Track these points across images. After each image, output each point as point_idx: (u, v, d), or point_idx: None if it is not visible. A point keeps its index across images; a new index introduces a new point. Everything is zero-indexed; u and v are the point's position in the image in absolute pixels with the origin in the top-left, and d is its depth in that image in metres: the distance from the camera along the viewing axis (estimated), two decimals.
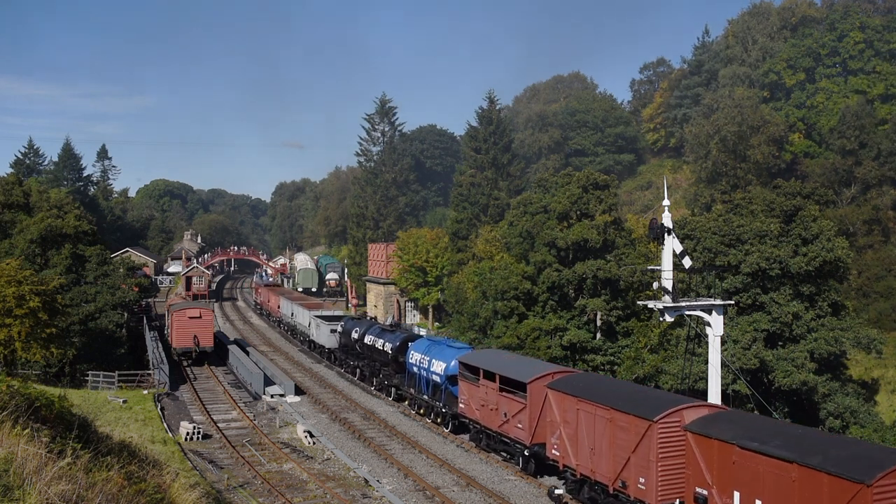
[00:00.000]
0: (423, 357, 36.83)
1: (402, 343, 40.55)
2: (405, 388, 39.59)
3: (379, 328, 44.91)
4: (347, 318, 53.21)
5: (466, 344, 39.07)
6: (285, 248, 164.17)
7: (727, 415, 21.87)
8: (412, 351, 38.32)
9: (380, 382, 43.78)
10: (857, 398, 38.04)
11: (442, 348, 36.30)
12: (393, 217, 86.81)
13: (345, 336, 49.21)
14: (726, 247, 39.90)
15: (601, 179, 48.79)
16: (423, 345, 38.15)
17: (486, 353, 34.81)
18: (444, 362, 34.86)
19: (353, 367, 48.31)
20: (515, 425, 28.66)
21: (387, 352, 41.63)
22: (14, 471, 10.40)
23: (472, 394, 31.77)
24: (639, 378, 40.61)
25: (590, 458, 24.18)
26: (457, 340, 40.78)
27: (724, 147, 73.54)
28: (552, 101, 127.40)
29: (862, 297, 57.74)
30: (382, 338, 42.83)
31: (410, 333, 43.72)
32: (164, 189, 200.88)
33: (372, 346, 43.78)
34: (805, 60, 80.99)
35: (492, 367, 30.57)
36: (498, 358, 32.57)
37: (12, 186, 61.94)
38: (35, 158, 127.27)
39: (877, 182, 65.90)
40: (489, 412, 30.45)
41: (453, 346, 36.37)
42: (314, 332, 56.76)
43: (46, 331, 39.87)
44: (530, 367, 29.78)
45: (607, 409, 23.34)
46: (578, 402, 24.72)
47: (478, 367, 31.40)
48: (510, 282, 47.62)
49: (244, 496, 25.62)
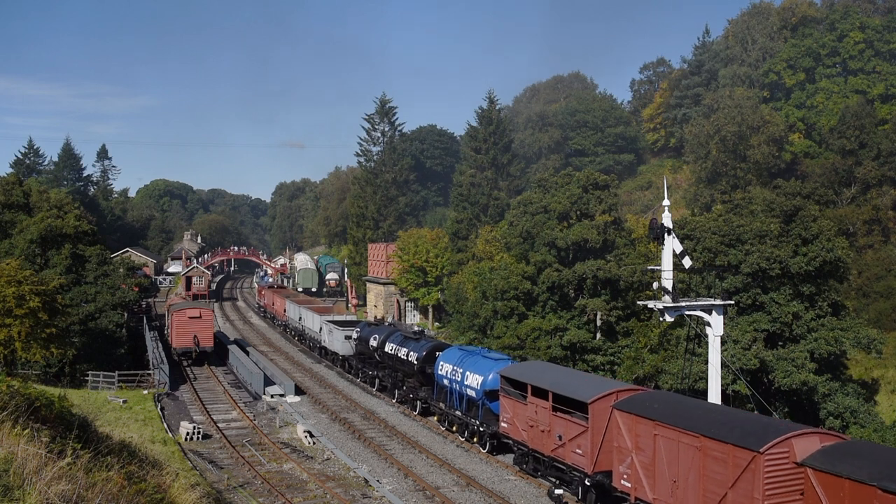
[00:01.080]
0: (455, 369, 33.57)
1: (428, 353, 37.24)
2: (433, 403, 36.36)
3: (401, 336, 41.42)
4: (363, 323, 49.69)
5: (504, 354, 35.20)
6: (285, 248, 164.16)
7: (850, 446, 18.82)
8: (441, 362, 35.04)
9: (403, 395, 40.60)
10: (857, 398, 38.04)
11: (477, 359, 32.99)
12: (393, 217, 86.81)
13: (361, 343, 46.07)
14: (726, 247, 39.91)
15: (601, 179, 48.84)
16: (454, 355, 34.74)
17: (532, 367, 31.45)
18: (481, 375, 31.64)
19: (371, 377, 45.25)
20: (573, 450, 25.44)
21: (411, 362, 38.28)
22: (14, 471, 10.40)
23: (518, 412, 28.61)
24: (639, 378, 40.62)
25: (671, 492, 21.30)
26: (492, 350, 37.04)
27: (724, 147, 73.56)
28: (552, 101, 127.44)
29: (862, 297, 57.72)
30: (406, 346, 39.47)
31: (437, 342, 40.00)
32: (164, 189, 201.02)
33: (394, 355, 40.44)
34: (805, 60, 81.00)
35: (543, 383, 27.43)
36: (548, 372, 29.36)
37: (12, 186, 61.94)
38: (35, 158, 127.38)
39: (877, 182, 65.89)
40: (539, 434, 27.28)
41: (489, 358, 33.00)
42: (326, 337, 53.71)
43: (46, 331, 39.86)
44: (590, 384, 26.67)
45: (696, 437, 20.39)
46: (657, 426, 21.75)
47: (525, 382, 28.23)
48: (510, 282, 47.63)
49: (244, 496, 25.62)
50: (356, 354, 47.62)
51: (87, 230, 57.73)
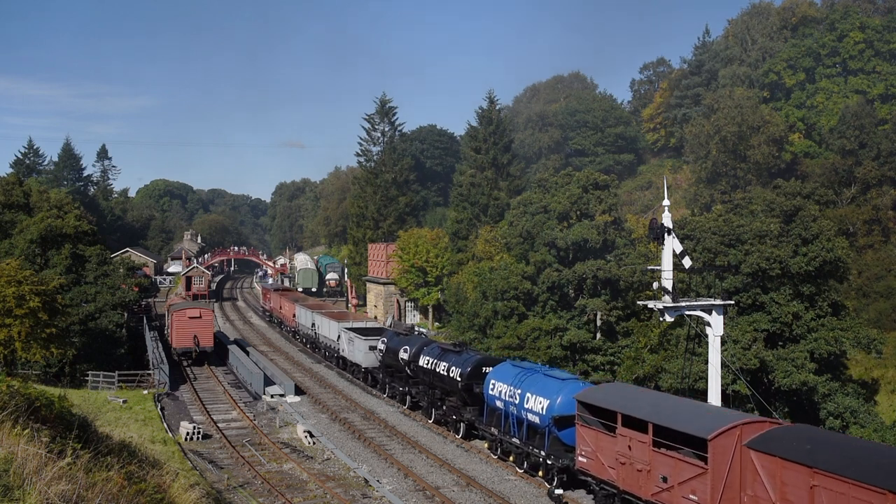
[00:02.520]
0: (512, 389, 29.38)
1: (474, 368, 33.12)
2: (482, 427, 32.05)
3: (438, 348, 37.15)
4: (390, 332, 44.57)
5: (568, 373, 30.54)
6: (285, 248, 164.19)
7: None
8: (493, 380, 30.94)
9: (442, 415, 36.07)
10: (857, 398, 38.04)
11: (539, 379, 28.83)
12: (393, 217, 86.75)
13: (389, 355, 41.63)
14: (726, 247, 39.92)
15: (601, 179, 48.85)
16: (509, 373, 30.61)
17: (617, 391, 26.82)
18: (547, 399, 27.41)
19: (402, 394, 40.75)
20: (684, 496, 21.07)
21: (453, 379, 33.84)
22: (14, 471, 10.40)
23: (603, 445, 24.31)
24: (639, 378, 40.62)
25: None
26: (553, 368, 32.54)
27: (724, 147, 73.57)
28: (552, 101, 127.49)
29: (862, 297, 57.74)
30: (446, 360, 35.12)
31: (482, 355, 35.20)
32: (164, 189, 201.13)
33: (430, 370, 36.18)
34: (805, 60, 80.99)
35: (640, 411, 23.01)
36: (642, 398, 24.70)
37: (12, 186, 61.98)
38: (35, 158, 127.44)
39: (877, 182, 65.90)
40: (634, 473, 22.98)
41: (554, 377, 28.70)
42: (345, 347, 49.14)
43: (46, 331, 39.87)
44: (703, 414, 22.27)
45: (881, 493, 16.18)
46: (814, 474, 17.62)
47: (613, 410, 23.83)
48: (510, 282, 47.63)
49: (244, 496, 25.62)
50: (382, 367, 43.33)
51: (87, 230, 57.74)
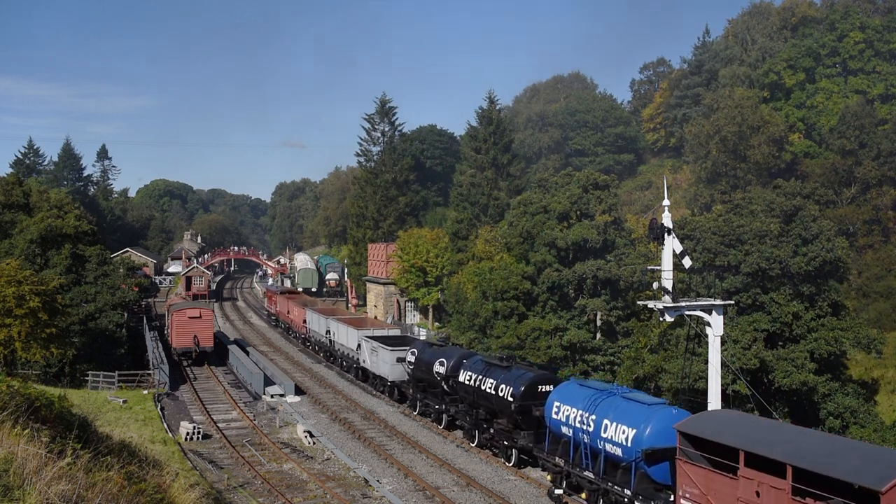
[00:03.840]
0: (584, 415, 24.92)
1: (529, 387, 28.91)
2: (543, 457, 27.53)
3: (482, 362, 32.89)
4: (422, 343, 41.09)
5: (654, 397, 26.19)
6: (285, 248, 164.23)
7: None
8: (558, 402, 26.58)
9: (489, 439, 31.82)
10: (857, 398, 38.05)
11: (618, 403, 24.22)
12: (393, 217, 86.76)
13: (421, 368, 37.84)
14: (726, 247, 39.93)
15: (601, 179, 48.88)
16: (577, 394, 26.07)
17: (731, 420, 21.30)
18: (633, 427, 22.85)
19: (437, 412, 36.66)
20: None
21: (504, 399, 29.65)
22: (14, 471, 10.41)
23: (716, 488, 19.95)
24: (639, 378, 40.62)
25: None
26: (633, 390, 27.42)
27: (724, 147, 73.59)
28: (552, 101, 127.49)
29: (862, 297, 57.78)
30: (492, 377, 30.98)
31: (538, 372, 30.44)
32: (164, 189, 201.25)
33: (473, 387, 32.03)
34: (805, 60, 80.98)
35: (771, 449, 18.51)
36: (769, 432, 19.99)
37: (12, 186, 61.97)
38: (35, 158, 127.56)
39: (877, 182, 65.92)
40: None
41: (637, 401, 24.05)
42: (367, 358, 45.08)
43: (46, 331, 39.88)
44: (863, 456, 17.51)
45: None
46: None
47: (733, 446, 19.30)
48: (510, 282, 47.63)
49: (244, 496, 25.62)
50: (413, 381, 39.22)
51: (87, 230, 57.75)
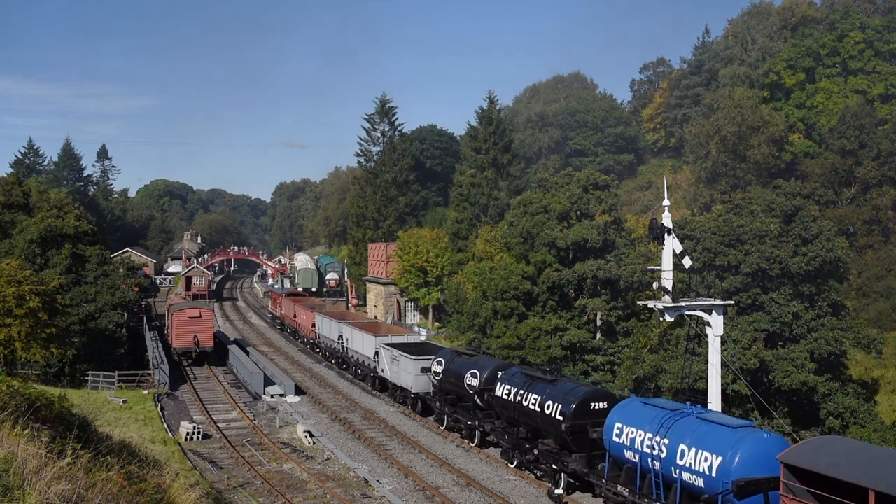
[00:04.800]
0: (653, 438, 22.02)
1: (581, 405, 25.53)
2: (602, 484, 24.41)
3: (521, 375, 29.61)
4: (449, 351, 37.47)
5: (739, 419, 23.17)
6: (285, 248, 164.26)
7: None
8: (620, 424, 23.51)
9: (533, 461, 28.38)
10: (857, 398, 38.08)
11: (695, 425, 21.34)
12: (393, 217, 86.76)
13: (449, 380, 34.71)
14: (726, 247, 39.94)
15: (601, 179, 48.87)
16: (643, 415, 23.04)
17: (847, 451, 18.10)
18: (718, 454, 20.04)
19: (470, 429, 33.35)
20: None
21: (553, 417, 26.38)
22: (14, 471, 10.40)
23: None
24: (639, 378, 40.62)
25: None
26: (711, 411, 24.57)
27: (724, 147, 73.63)
28: (552, 101, 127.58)
29: (862, 297, 57.82)
30: (536, 392, 27.79)
31: (589, 387, 27.23)
32: (164, 189, 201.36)
33: (514, 402, 28.84)
34: (805, 60, 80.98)
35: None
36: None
37: (12, 186, 61.97)
38: (35, 158, 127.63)
39: (877, 182, 65.94)
40: None
41: (718, 423, 21.22)
42: (386, 367, 41.97)
43: (46, 331, 39.87)
44: None
45: None
46: None
47: (860, 484, 16.48)
48: (510, 282, 47.60)
49: (244, 496, 25.62)
50: (439, 394, 35.98)
51: (87, 230, 57.73)
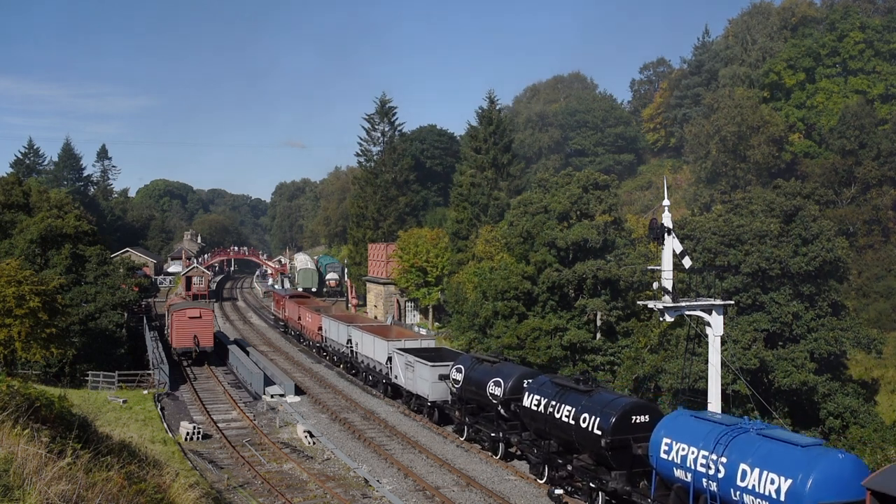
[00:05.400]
0: (707, 455, 19.36)
1: (621, 419, 23.05)
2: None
3: (551, 384, 27.19)
4: (468, 358, 34.80)
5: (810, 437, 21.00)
6: (285, 248, 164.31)
7: None
8: (668, 440, 20.87)
9: (566, 478, 25.95)
10: (857, 398, 38.09)
11: (757, 443, 18.70)
12: (393, 217, 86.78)
13: (470, 388, 32.50)
14: (726, 247, 39.94)
15: (601, 179, 48.88)
16: (695, 430, 20.40)
17: None
18: (787, 476, 17.52)
19: (493, 441, 31.10)
20: None
21: (590, 432, 23.80)
22: (14, 471, 10.40)
23: None
24: (639, 378, 40.62)
25: None
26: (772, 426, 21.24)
27: (724, 147, 73.66)
28: (552, 101, 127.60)
29: (862, 297, 57.84)
30: (569, 403, 25.35)
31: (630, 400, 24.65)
32: (164, 189, 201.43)
33: (544, 415, 26.43)
34: (805, 60, 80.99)
35: None
36: None
37: (12, 186, 61.99)
38: (35, 158, 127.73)
39: (877, 182, 65.96)
40: None
41: (784, 440, 18.62)
42: (400, 374, 39.75)
43: (46, 331, 39.87)
44: None
45: None
46: None
47: None
48: (510, 282, 47.60)
49: (244, 496, 25.62)
50: (459, 403, 33.79)
51: (87, 230, 57.74)
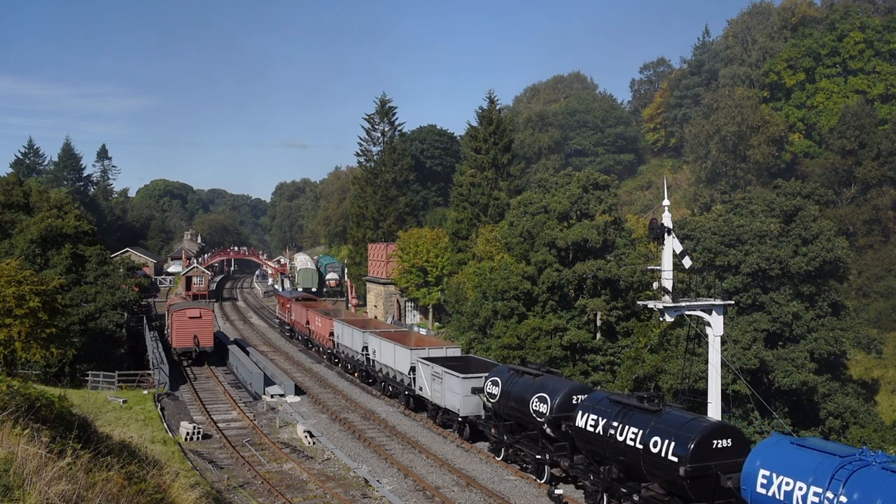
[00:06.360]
0: (821, 493, 16.89)
1: (703, 443, 20.32)
2: None
3: (609, 402, 24.31)
4: (506, 369, 31.25)
5: None
6: (285, 248, 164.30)
7: None
8: (767, 472, 18.21)
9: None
10: (857, 398, 38.11)
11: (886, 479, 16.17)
12: (393, 217, 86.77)
13: (508, 404, 29.29)
14: (726, 247, 39.94)
15: (601, 179, 48.87)
16: (801, 460, 17.74)
17: None
18: None
19: (538, 463, 27.78)
20: None
21: (662, 458, 21.10)
22: (14, 471, 10.40)
23: None
24: (639, 378, 40.62)
25: None
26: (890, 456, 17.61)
27: (724, 147, 73.67)
28: (552, 101, 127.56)
29: (862, 297, 57.84)
30: (636, 424, 22.44)
31: (709, 423, 21.56)
32: (164, 189, 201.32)
33: (603, 436, 23.46)
34: (805, 60, 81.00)
35: None
36: None
37: (12, 186, 62.01)
38: (35, 158, 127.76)
39: (877, 182, 65.97)
40: None
41: None
42: (426, 385, 36.69)
43: (46, 331, 39.85)
44: None
45: None
46: None
47: None
48: (510, 282, 47.61)
49: (244, 496, 25.62)
50: (495, 419, 30.59)
51: (87, 230, 57.73)
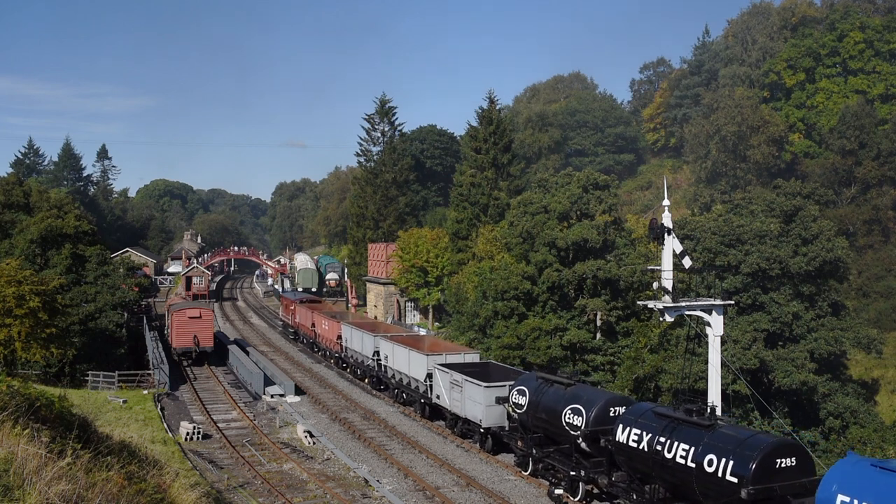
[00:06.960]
0: None
1: (766, 461, 18.89)
2: None
3: (654, 415, 22.62)
4: (534, 378, 29.18)
5: None
6: (285, 248, 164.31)
7: None
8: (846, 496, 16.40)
9: None
10: (857, 398, 38.11)
11: None
12: (393, 217, 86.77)
13: (538, 415, 27.58)
14: (726, 247, 39.95)
15: (601, 179, 48.88)
16: (882, 485, 16.31)
17: None
18: None
19: (572, 480, 25.80)
20: None
21: (720, 479, 19.63)
22: (14, 471, 10.40)
23: None
24: (639, 378, 40.62)
25: None
26: None
27: (724, 147, 73.69)
28: (552, 101, 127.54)
29: (862, 297, 57.85)
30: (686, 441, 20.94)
31: (772, 439, 20.32)
32: (164, 189, 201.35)
33: (649, 453, 21.94)
34: (805, 60, 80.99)
35: None
36: None
37: (12, 186, 62.03)
38: (35, 158, 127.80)
39: (877, 182, 65.97)
40: None
41: None
42: (444, 392, 35.07)
43: (46, 331, 39.86)
44: None
45: None
46: None
47: None
48: (510, 282, 47.60)
49: (244, 496, 25.62)
50: (522, 431, 28.76)
51: (87, 230, 57.74)
